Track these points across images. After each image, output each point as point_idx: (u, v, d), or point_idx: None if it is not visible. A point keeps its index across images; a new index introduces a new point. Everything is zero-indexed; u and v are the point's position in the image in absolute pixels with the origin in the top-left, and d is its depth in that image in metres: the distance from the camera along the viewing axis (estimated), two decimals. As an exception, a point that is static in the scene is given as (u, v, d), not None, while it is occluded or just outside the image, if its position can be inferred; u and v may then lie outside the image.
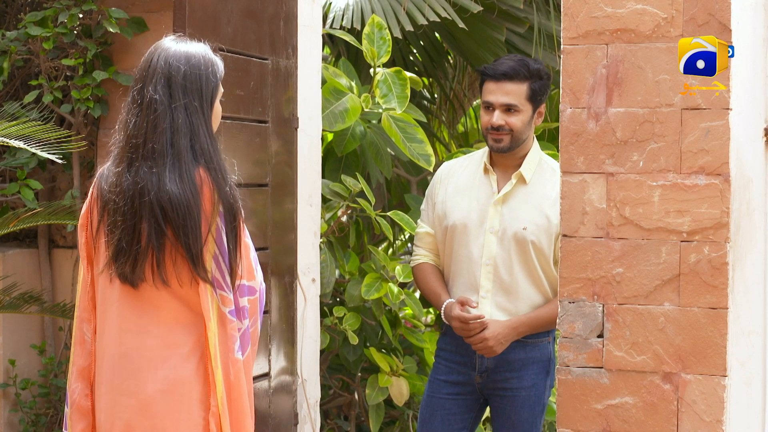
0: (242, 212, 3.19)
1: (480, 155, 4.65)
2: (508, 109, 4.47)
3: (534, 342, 4.57)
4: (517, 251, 4.51)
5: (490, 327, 4.43)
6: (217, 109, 3.26)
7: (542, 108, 4.57)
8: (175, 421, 3.11)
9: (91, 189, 3.25)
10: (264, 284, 3.34)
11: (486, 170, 4.57)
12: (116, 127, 3.25)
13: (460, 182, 4.59)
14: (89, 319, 3.27)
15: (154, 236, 3.10)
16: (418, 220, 4.71)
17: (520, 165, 4.55)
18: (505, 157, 4.54)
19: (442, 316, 4.52)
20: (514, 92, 4.48)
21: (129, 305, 3.16)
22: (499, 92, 4.47)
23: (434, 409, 4.58)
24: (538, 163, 4.58)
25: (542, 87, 4.55)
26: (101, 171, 3.23)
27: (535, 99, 4.52)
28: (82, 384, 3.26)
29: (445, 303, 4.49)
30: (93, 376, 3.25)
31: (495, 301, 4.50)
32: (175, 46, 3.22)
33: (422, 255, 4.66)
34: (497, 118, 4.46)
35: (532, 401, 4.59)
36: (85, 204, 3.27)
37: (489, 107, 4.50)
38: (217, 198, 3.11)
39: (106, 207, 3.17)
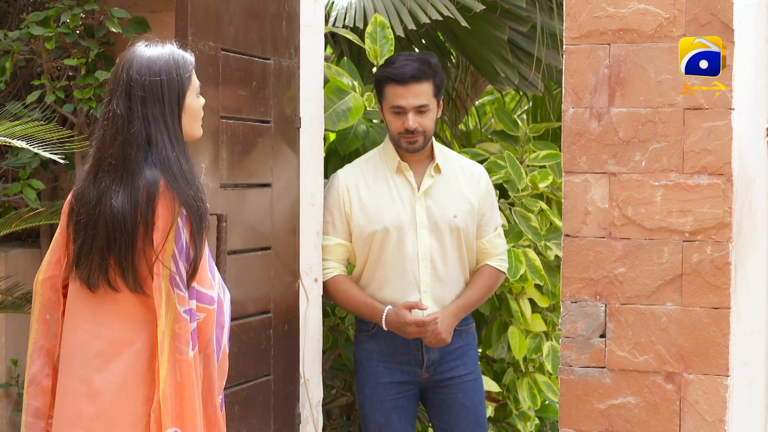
0: (208, 215, 3.22)
1: (378, 156, 4.73)
2: (419, 110, 4.53)
3: (466, 329, 4.71)
4: (451, 240, 4.62)
5: (439, 320, 4.53)
6: (192, 105, 3.27)
7: (441, 101, 4.70)
8: (122, 412, 3.16)
9: (70, 194, 3.30)
10: (227, 300, 3.35)
11: (399, 169, 4.64)
12: (93, 129, 3.31)
13: (371, 186, 4.65)
14: (57, 301, 3.32)
15: (101, 248, 3.17)
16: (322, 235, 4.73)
17: (428, 158, 4.66)
18: (416, 153, 4.64)
19: (383, 324, 4.56)
20: (423, 93, 4.58)
21: (90, 297, 3.22)
22: (410, 95, 4.56)
23: (389, 411, 4.64)
24: (441, 151, 4.70)
25: (442, 81, 4.67)
26: (78, 177, 3.29)
27: (438, 94, 4.65)
28: (45, 361, 3.33)
29: (385, 310, 4.54)
30: (57, 358, 3.31)
31: (433, 294, 4.60)
32: (138, 54, 3.24)
33: (334, 267, 4.70)
34: (413, 121, 4.55)
35: (477, 385, 4.75)
36: (67, 200, 3.32)
37: (400, 111, 4.55)
38: (178, 205, 3.14)
39: (71, 213, 3.25)
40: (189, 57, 3.29)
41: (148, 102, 3.19)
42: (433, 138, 4.71)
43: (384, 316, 4.54)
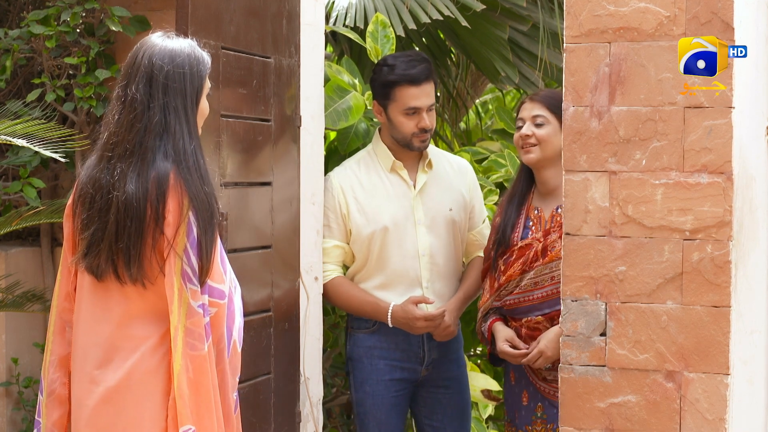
0: (218, 213, 3.20)
1: (369, 157, 4.76)
2: (430, 109, 4.61)
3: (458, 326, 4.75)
4: (447, 235, 4.68)
5: (446, 313, 4.57)
6: (203, 105, 3.26)
7: None
8: (139, 411, 3.13)
9: (76, 181, 3.27)
10: (237, 294, 3.33)
11: (393, 168, 4.67)
12: (103, 120, 3.27)
13: (366, 186, 4.66)
14: (71, 309, 3.28)
15: (115, 235, 3.13)
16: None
17: (418, 155, 4.70)
18: (410, 151, 4.69)
19: (389, 321, 4.56)
20: (431, 92, 4.64)
21: (100, 295, 3.18)
22: (423, 96, 4.60)
23: (389, 408, 4.68)
24: (429, 148, 4.74)
25: (436, 77, 4.74)
26: (86, 164, 3.25)
27: (436, 90, 4.69)
28: (60, 373, 3.28)
29: (391, 307, 4.55)
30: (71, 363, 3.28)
31: (434, 289, 4.64)
32: (161, 43, 3.21)
33: (333, 269, 4.72)
34: (428, 121, 4.56)
35: (468, 386, 4.84)
36: (70, 195, 3.29)
37: (414, 112, 4.57)
38: (188, 199, 3.11)
39: (83, 201, 3.20)
40: (207, 57, 3.27)
41: (170, 91, 3.16)
42: None
43: (390, 313, 4.55)
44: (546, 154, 4.35)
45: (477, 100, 8.09)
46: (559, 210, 4.33)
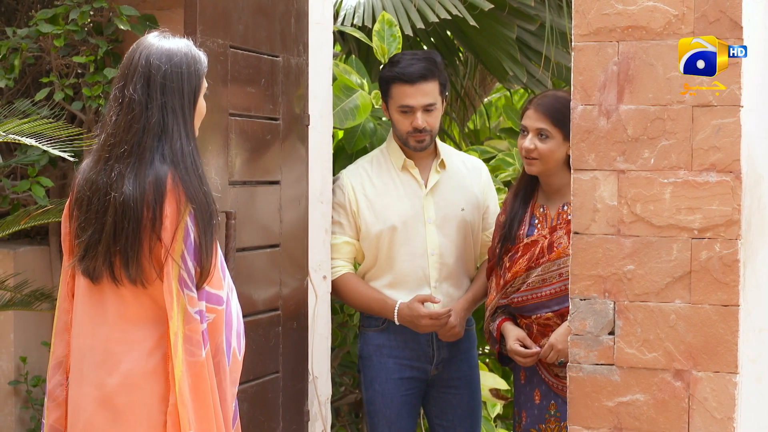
0: (217, 215, 3.18)
1: (381, 156, 4.76)
2: (427, 109, 4.54)
3: (470, 329, 4.77)
4: (458, 235, 4.67)
5: (453, 313, 4.57)
6: (201, 105, 3.24)
7: (444, 98, 4.71)
8: (136, 415, 3.10)
9: (73, 182, 3.26)
10: (237, 303, 3.31)
11: (404, 167, 4.67)
12: (100, 123, 3.26)
13: (377, 185, 4.67)
14: (69, 310, 3.27)
15: (113, 236, 3.11)
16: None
17: (432, 155, 4.70)
18: (422, 151, 4.68)
19: (395, 318, 4.57)
20: (431, 92, 4.60)
21: (96, 298, 3.16)
22: (418, 95, 4.57)
23: (399, 407, 4.67)
24: (443, 147, 4.75)
25: (446, 79, 4.70)
26: (82, 167, 3.23)
27: (443, 93, 4.66)
28: (59, 374, 3.27)
29: (397, 304, 4.55)
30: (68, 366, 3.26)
31: (442, 289, 4.64)
32: (157, 43, 3.19)
33: (342, 266, 4.73)
34: (422, 120, 4.56)
35: (479, 386, 4.83)
36: (69, 197, 3.28)
37: (408, 111, 4.56)
38: (185, 200, 3.10)
39: (80, 203, 3.18)
40: (204, 56, 3.26)
41: (168, 91, 3.14)
42: None
43: (396, 310, 4.56)
44: (548, 167, 4.37)
45: (485, 99, 8.08)
46: (566, 207, 4.33)
